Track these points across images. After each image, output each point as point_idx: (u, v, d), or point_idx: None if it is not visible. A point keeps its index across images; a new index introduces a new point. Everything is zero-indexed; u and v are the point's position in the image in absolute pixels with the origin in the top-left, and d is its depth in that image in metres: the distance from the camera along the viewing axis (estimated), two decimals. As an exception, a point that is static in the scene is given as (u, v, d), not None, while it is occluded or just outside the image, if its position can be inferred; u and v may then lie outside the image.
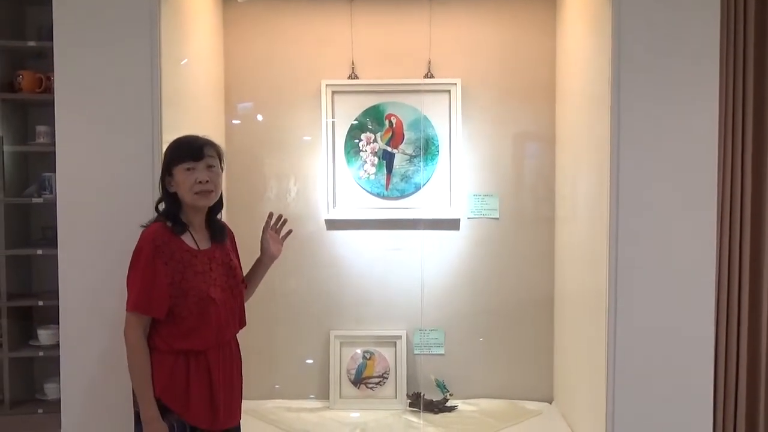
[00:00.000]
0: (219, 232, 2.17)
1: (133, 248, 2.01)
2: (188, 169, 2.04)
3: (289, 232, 2.41)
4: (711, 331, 2.49)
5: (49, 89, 3.09)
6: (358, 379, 3.36)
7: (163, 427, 1.96)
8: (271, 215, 2.37)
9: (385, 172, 3.36)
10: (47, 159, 3.10)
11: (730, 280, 2.89)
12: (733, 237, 2.89)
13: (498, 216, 3.37)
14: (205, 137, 2.13)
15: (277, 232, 2.38)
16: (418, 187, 3.36)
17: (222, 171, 2.15)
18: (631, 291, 2.44)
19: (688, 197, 2.44)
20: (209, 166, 2.07)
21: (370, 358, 3.37)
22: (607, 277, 2.45)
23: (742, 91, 2.87)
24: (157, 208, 2.14)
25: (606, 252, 2.46)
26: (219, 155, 2.13)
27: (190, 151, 2.06)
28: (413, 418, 3.20)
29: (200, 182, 2.04)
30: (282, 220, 2.39)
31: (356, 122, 3.36)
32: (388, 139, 3.36)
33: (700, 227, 2.45)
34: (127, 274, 2.01)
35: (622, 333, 2.44)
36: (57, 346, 2.51)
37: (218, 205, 2.19)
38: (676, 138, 2.43)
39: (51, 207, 2.65)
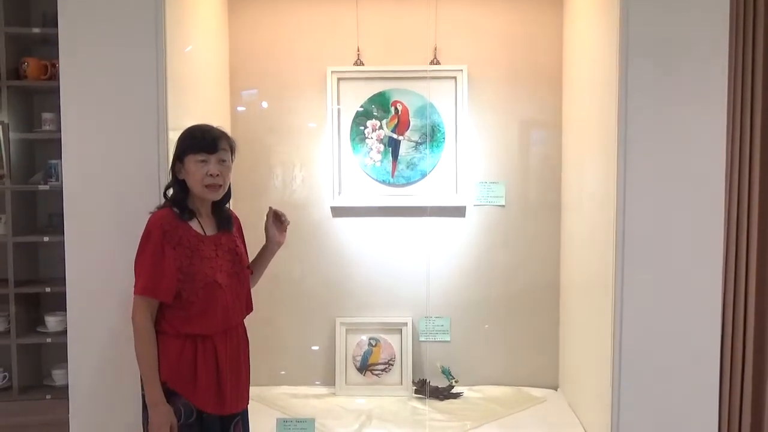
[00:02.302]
0: (226, 221, 2.19)
1: (140, 234, 2.02)
2: (201, 161, 2.05)
3: (288, 222, 2.39)
4: (718, 318, 2.48)
5: (55, 76, 3.08)
6: (364, 366, 3.37)
7: (167, 410, 1.98)
8: (270, 210, 2.36)
9: (391, 159, 3.35)
10: (53, 146, 3.10)
11: (737, 268, 2.88)
12: (741, 225, 2.87)
13: (504, 203, 3.36)
14: (220, 128, 2.14)
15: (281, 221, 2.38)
16: (423, 175, 3.35)
17: (232, 163, 2.16)
18: (638, 278, 2.43)
19: (696, 185, 2.43)
20: (221, 160, 2.08)
21: (375, 345, 3.38)
22: (614, 264, 2.44)
23: (751, 77, 2.84)
24: (165, 194, 2.14)
25: (613, 239, 2.45)
26: (231, 149, 2.15)
27: (205, 143, 2.06)
28: (419, 405, 3.21)
29: (211, 175, 2.05)
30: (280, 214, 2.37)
31: (362, 109, 3.34)
32: (394, 126, 3.35)
33: (707, 214, 2.43)
34: (135, 259, 2.03)
35: (628, 320, 2.43)
36: (64, 332, 2.53)
37: (226, 196, 2.19)
38: (684, 126, 2.41)
39: (57, 194, 2.65)
